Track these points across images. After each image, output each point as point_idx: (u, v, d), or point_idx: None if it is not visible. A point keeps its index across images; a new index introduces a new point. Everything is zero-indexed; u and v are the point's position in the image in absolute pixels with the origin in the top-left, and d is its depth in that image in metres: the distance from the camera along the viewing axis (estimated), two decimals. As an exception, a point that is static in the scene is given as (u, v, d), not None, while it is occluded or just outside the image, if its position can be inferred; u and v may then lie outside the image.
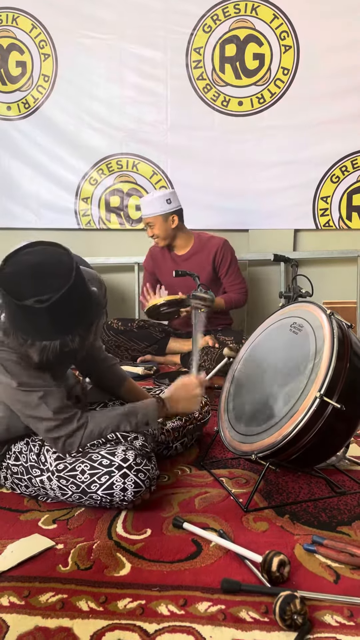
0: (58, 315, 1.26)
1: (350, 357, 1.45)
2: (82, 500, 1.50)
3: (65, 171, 3.93)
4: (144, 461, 1.48)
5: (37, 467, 1.54)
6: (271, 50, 3.65)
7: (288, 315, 1.73)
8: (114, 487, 1.43)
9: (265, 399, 1.59)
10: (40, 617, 1.09)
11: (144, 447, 1.58)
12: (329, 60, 3.60)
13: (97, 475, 1.45)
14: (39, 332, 1.28)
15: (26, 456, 1.56)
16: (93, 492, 1.45)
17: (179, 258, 3.29)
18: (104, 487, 1.44)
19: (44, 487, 1.53)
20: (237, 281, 3.26)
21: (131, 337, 3.27)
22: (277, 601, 1.04)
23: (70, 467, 1.48)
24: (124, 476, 1.43)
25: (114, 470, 1.44)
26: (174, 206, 3.17)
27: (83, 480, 1.46)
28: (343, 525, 1.43)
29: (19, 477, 1.58)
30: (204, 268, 3.20)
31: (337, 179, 3.74)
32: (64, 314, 1.27)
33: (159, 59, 3.76)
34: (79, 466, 1.47)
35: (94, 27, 3.74)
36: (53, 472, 1.50)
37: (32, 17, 3.79)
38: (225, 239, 3.26)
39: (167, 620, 1.07)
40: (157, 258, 3.37)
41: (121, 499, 1.44)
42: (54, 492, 1.52)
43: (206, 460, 1.85)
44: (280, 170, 3.77)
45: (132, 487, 1.43)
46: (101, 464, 1.45)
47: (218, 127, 3.78)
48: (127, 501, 1.46)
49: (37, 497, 1.60)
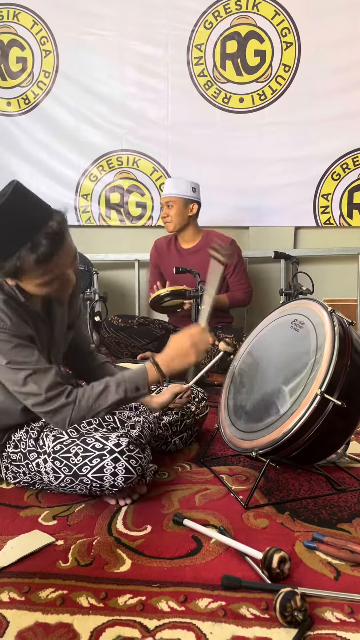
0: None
1: (351, 354, 1.45)
2: (73, 486, 1.49)
3: (65, 167, 3.93)
4: (137, 449, 1.48)
5: (35, 451, 1.55)
6: (272, 47, 3.65)
7: (289, 312, 1.73)
8: (105, 471, 1.43)
9: (265, 396, 1.59)
10: (40, 612, 1.09)
11: (139, 437, 1.58)
12: (330, 57, 3.59)
13: (89, 457, 1.45)
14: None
15: (25, 443, 1.58)
16: (84, 475, 1.45)
17: (184, 251, 3.30)
18: (94, 469, 1.44)
19: (39, 470, 1.53)
20: (242, 281, 3.26)
21: (131, 333, 3.26)
22: (278, 598, 1.04)
23: (65, 449, 1.49)
24: (115, 460, 1.43)
25: (105, 454, 1.44)
26: (197, 196, 3.21)
27: (75, 463, 1.46)
28: (343, 522, 1.43)
29: (17, 464, 1.59)
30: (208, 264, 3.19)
31: (338, 177, 3.74)
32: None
33: (160, 55, 3.76)
34: (73, 448, 1.48)
35: (95, 23, 3.73)
36: (49, 454, 1.50)
37: (34, 13, 3.78)
38: (232, 238, 3.27)
39: (167, 617, 1.07)
40: (162, 251, 3.36)
41: (111, 484, 1.44)
42: (48, 476, 1.52)
43: (206, 457, 1.85)
44: (281, 167, 3.77)
45: (123, 473, 1.43)
46: (94, 447, 1.46)
47: (219, 123, 3.78)
48: (118, 487, 1.45)
49: (34, 484, 1.60)
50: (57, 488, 1.55)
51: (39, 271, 1.37)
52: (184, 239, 3.32)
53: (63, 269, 1.41)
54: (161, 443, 1.84)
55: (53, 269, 1.39)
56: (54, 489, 1.56)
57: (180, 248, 3.32)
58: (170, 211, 3.19)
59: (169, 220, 3.22)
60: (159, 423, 1.81)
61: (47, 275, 1.39)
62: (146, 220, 3.98)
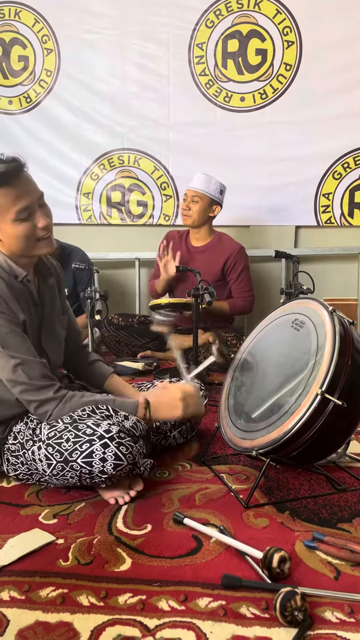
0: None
1: (352, 354, 1.45)
2: (64, 473, 1.49)
3: (66, 166, 3.93)
4: (128, 438, 1.49)
5: (31, 439, 1.56)
6: (274, 46, 3.64)
7: (290, 311, 1.73)
8: (94, 456, 1.44)
9: (266, 395, 1.59)
10: (40, 611, 1.09)
11: (133, 429, 1.57)
12: (331, 56, 3.59)
13: (79, 443, 1.46)
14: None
15: (23, 433, 1.60)
16: (73, 461, 1.46)
17: (193, 249, 3.30)
18: (83, 454, 1.44)
19: (34, 458, 1.53)
20: (246, 289, 3.26)
21: (132, 332, 3.27)
22: (278, 597, 1.04)
23: (59, 435, 1.50)
24: (104, 446, 1.44)
25: (95, 439, 1.45)
26: (222, 199, 3.21)
27: (67, 448, 1.47)
28: (343, 522, 1.43)
29: (15, 455, 1.60)
30: (213, 266, 3.20)
31: (339, 176, 3.74)
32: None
33: (162, 54, 3.75)
34: (65, 434, 1.49)
35: (97, 22, 3.73)
36: (44, 440, 1.51)
37: (35, 11, 3.78)
38: (242, 245, 3.29)
39: (167, 616, 1.07)
40: (174, 243, 3.35)
41: (100, 470, 1.44)
42: (42, 464, 1.52)
43: (206, 456, 1.85)
44: (282, 166, 3.77)
45: (112, 459, 1.43)
46: (84, 433, 1.47)
47: (220, 122, 3.78)
48: (107, 474, 1.45)
49: (31, 475, 1.60)
50: (50, 478, 1.54)
51: (5, 198, 1.46)
52: (195, 236, 3.32)
53: (29, 198, 1.49)
54: (160, 437, 1.84)
55: (19, 195, 1.47)
56: (48, 479, 1.56)
57: (190, 245, 3.32)
58: (193, 206, 3.16)
59: (189, 214, 3.19)
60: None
61: (16, 204, 1.47)
62: (147, 219, 3.97)
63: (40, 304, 1.67)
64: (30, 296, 1.63)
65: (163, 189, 3.92)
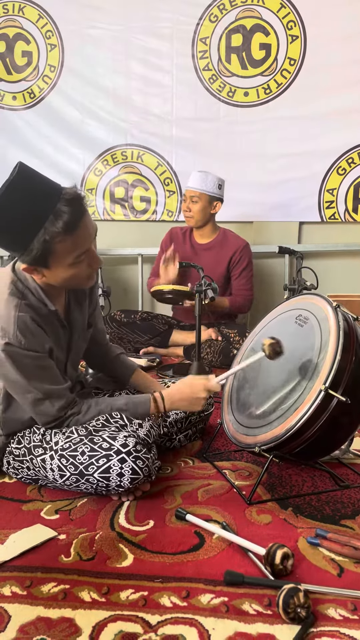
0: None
1: (356, 349, 1.44)
2: (78, 484, 1.49)
3: (70, 162, 3.92)
4: (144, 450, 1.47)
5: (41, 446, 1.54)
6: (278, 40, 3.62)
7: (294, 307, 1.72)
8: (111, 471, 1.43)
9: (269, 391, 1.58)
10: (42, 607, 1.09)
11: (147, 436, 1.58)
12: (336, 50, 3.56)
13: (96, 457, 1.44)
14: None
15: (29, 438, 1.58)
16: (90, 475, 1.45)
17: (198, 246, 3.29)
18: (100, 469, 1.43)
19: (44, 466, 1.52)
20: (246, 287, 3.25)
21: (134, 329, 3.26)
22: (281, 594, 1.04)
23: (73, 447, 1.48)
24: (121, 461, 1.42)
25: (112, 454, 1.43)
26: (222, 193, 3.19)
27: (82, 462, 1.45)
28: (347, 518, 1.42)
29: (20, 460, 1.58)
30: (219, 263, 3.20)
31: (344, 171, 3.72)
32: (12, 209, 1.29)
33: (165, 49, 3.73)
34: (80, 447, 1.47)
35: (100, 17, 3.72)
36: (57, 450, 1.50)
37: (39, 7, 3.77)
38: (247, 242, 3.27)
39: (169, 612, 1.07)
40: (178, 241, 3.33)
41: (117, 484, 1.44)
42: (53, 473, 1.51)
43: (209, 452, 1.84)
44: (285, 161, 3.75)
45: (130, 474, 1.42)
46: (101, 447, 1.45)
47: (223, 118, 3.76)
48: (124, 487, 1.45)
49: (37, 480, 1.59)
50: (62, 486, 1.54)
51: (68, 244, 1.35)
52: (199, 234, 3.31)
53: (89, 241, 1.41)
54: (165, 440, 1.83)
55: (80, 242, 1.38)
56: (59, 486, 1.55)
57: (195, 242, 3.31)
58: (193, 207, 3.15)
59: (190, 215, 3.18)
60: (165, 421, 1.80)
61: (76, 250, 1.38)
62: (150, 215, 3.96)
63: (69, 327, 1.62)
64: (59, 321, 1.57)
65: (166, 185, 3.91)
